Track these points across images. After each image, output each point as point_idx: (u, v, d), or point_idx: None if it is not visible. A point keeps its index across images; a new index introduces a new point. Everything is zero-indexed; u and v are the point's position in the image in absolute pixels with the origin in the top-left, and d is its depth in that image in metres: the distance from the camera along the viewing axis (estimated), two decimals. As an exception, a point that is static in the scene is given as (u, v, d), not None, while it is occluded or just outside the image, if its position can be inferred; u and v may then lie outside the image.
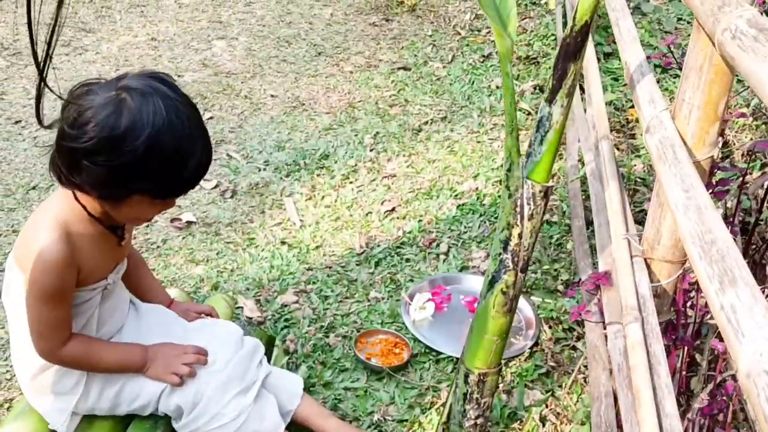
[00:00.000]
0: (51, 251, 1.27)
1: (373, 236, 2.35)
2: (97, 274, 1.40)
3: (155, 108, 1.22)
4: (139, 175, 1.23)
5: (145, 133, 1.20)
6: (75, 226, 1.32)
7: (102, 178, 1.23)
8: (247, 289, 2.12)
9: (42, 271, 1.28)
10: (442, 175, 2.65)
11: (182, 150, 1.25)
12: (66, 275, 1.30)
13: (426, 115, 3.06)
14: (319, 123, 3.00)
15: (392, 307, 2.05)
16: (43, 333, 1.33)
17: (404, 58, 3.58)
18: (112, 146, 1.20)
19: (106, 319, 1.47)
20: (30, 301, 1.31)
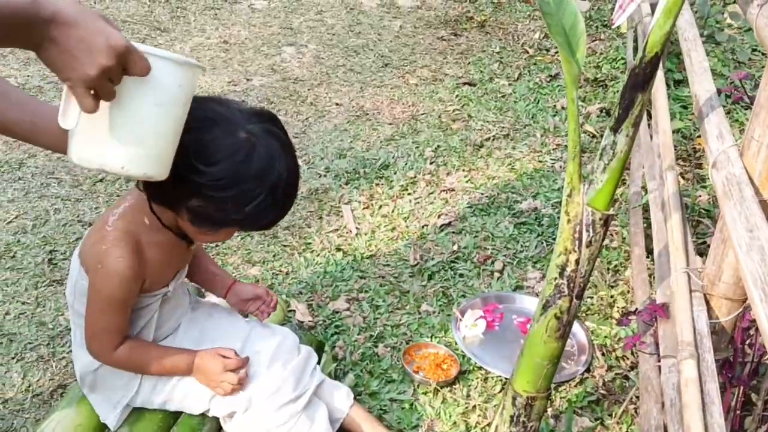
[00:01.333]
0: (119, 264, 1.31)
1: (427, 249, 2.36)
2: (161, 282, 1.45)
3: (278, 156, 1.27)
4: (248, 214, 1.27)
5: (269, 181, 1.25)
6: (146, 235, 1.35)
7: (208, 212, 1.27)
8: (300, 293, 2.15)
9: (107, 281, 1.32)
10: (501, 193, 2.64)
11: (290, 195, 1.32)
12: (131, 287, 1.34)
13: (488, 131, 3.05)
14: (381, 133, 3.02)
15: (443, 321, 2.05)
16: (98, 336, 1.38)
17: (470, 73, 3.58)
18: (238, 191, 1.24)
19: (163, 321, 1.52)
20: (91, 305, 1.36)
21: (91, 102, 1.00)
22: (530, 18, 4.29)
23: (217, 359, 1.45)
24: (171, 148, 1.16)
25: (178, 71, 1.10)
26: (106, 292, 1.34)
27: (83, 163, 1.13)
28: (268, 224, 1.36)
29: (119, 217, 1.38)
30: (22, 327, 1.94)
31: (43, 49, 0.96)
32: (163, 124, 1.12)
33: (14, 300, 2.03)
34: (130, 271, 1.33)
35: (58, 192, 2.53)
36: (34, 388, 1.77)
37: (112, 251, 1.32)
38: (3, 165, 2.61)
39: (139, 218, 1.37)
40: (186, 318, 1.60)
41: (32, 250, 2.23)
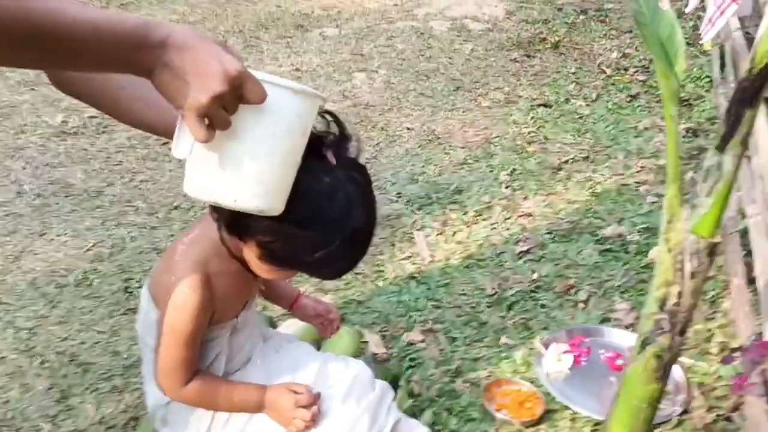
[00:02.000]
0: (189, 297, 1.27)
1: (506, 277, 2.25)
2: (230, 313, 1.40)
3: (357, 206, 1.23)
4: (317, 260, 1.22)
5: (344, 229, 1.21)
6: (215, 265, 1.31)
7: (276, 249, 1.24)
8: (373, 323, 2.07)
9: (177, 314, 1.29)
10: (583, 218, 2.51)
11: (363, 248, 1.28)
12: (201, 319, 1.30)
13: (567, 153, 2.93)
14: (453, 157, 2.94)
15: (525, 355, 1.93)
16: (167, 371, 1.33)
17: (545, 95, 3.47)
18: (311, 233, 1.20)
19: (234, 354, 1.47)
20: (161, 339, 1.32)
21: (204, 131, 0.96)
22: (606, 37, 4.15)
23: (289, 395, 1.38)
24: (286, 181, 1.11)
25: (296, 100, 1.06)
26: (176, 326, 1.30)
27: (195, 194, 1.10)
28: (333, 274, 1.33)
29: (188, 245, 1.34)
30: (96, 356, 1.94)
31: (156, 74, 0.93)
32: (279, 156, 1.07)
33: (90, 329, 2.03)
34: (200, 304, 1.28)
35: (134, 220, 2.54)
36: (107, 420, 1.75)
37: (181, 283, 1.28)
38: (82, 194, 2.65)
39: (209, 247, 1.32)
40: (257, 350, 1.55)
41: (108, 278, 2.24)
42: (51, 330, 2.02)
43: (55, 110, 3.17)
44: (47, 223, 2.47)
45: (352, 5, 4.65)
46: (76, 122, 3.09)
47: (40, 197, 2.61)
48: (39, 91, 3.34)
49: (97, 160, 2.85)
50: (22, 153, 2.87)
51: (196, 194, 1.10)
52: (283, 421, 1.39)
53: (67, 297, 2.14)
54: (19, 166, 2.78)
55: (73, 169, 2.77)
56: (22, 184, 2.67)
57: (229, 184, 1.06)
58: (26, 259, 2.29)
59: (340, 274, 1.34)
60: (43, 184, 2.68)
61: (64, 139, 2.97)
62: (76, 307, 2.10)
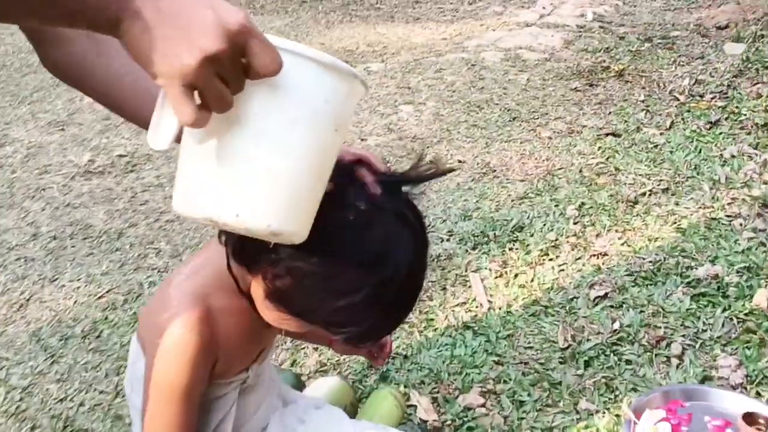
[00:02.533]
0: (184, 338, 0.97)
1: (580, 327, 1.89)
2: (238, 365, 1.09)
3: (399, 246, 0.93)
4: (338, 311, 0.93)
5: (378, 274, 0.91)
6: (219, 300, 1.02)
7: (287, 290, 0.94)
8: (422, 383, 1.73)
9: (169, 361, 0.98)
10: (668, 257, 2.13)
11: (404, 304, 0.98)
12: (200, 368, 0.99)
13: (643, 185, 2.57)
14: (512, 191, 2.61)
15: (610, 424, 1.56)
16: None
17: (612, 123, 3.13)
18: (333, 273, 0.91)
19: (244, 419, 1.15)
20: (148, 394, 1.02)
21: (192, 110, 0.66)
22: (676, 64, 3.80)
23: None
24: (309, 196, 0.80)
25: (325, 78, 0.75)
26: (167, 378, 0.98)
27: (184, 208, 0.78)
28: (359, 335, 0.97)
29: (188, 275, 1.04)
30: (95, 421, 1.65)
31: (124, 28, 0.64)
32: (299, 158, 0.76)
33: (92, 388, 1.74)
34: (199, 348, 0.97)
35: (155, 263, 2.28)
36: (99, 501, 1.45)
37: (175, 320, 0.98)
38: (102, 235, 2.41)
39: (213, 277, 1.02)
40: (276, 417, 1.23)
41: (119, 329, 1.97)
42: (48, 389, 1.74)
43: (83, 149, 2.99)
44: (60, 267, 2.23)
45: (398, 41, 4.43)
46: (104, 161, 2.89)
47: (56, 240, 2.38)
48: (68, 131, 3.17)
49: (122, 200, 2.62)
50: (44, 194, 2.67)
51: (184, 209, 0.80)
52: None
53: (71, 350, 1.87)
54: (38, 207, 2.58)
55: (94, 210, 2.55)
56: (39, 226, 2.46)
57: (228, 193, 0.75)
58: (32, 308, 2.04)
59: (367, 337, 1.02)
60: (61, 226, 2.45)
61: (89, 179, 2.77)
62: (79, 362, 1.83)
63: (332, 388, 1.51)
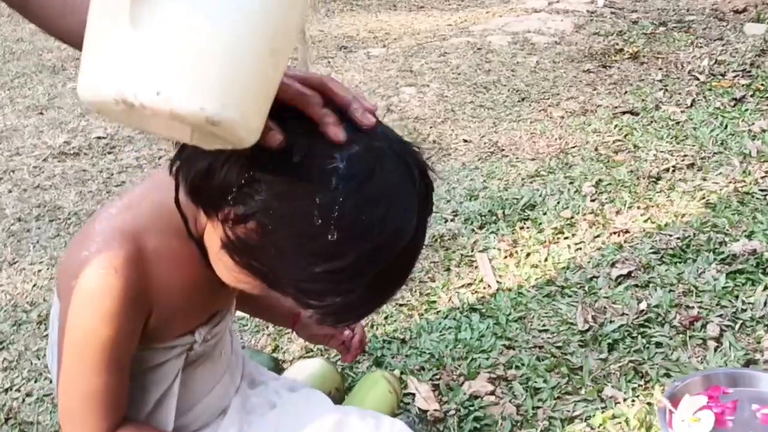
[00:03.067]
0: (105, 281, 0.76)
1: (601, 308, 1.66)
2: (180, 325, 0.87)
3: (402, 204, 0.74)
4: (313, 278, 0.72)
5: (382, 236, 0.72)
6: (156, 241, 0.81)
7: (257, 243, 0.72)
8: (422, 369, 1.51)
9: (86, 308, 0.77)
10: (698, 233, 1.90)
11: (400, 279, 0.79)
12: (126, 320, 0.78)
13: (666, 161, 2.34)
14: (522, 170, 2.39)
15: (642, 413, 1.33)
16: (73, 411, 0.80)
17: (629, 102, 2.91)
18: (334, 231, 0.69)
19: (194, 398, 0.93)
20: (63, 356, 0.80)
21: None
22: (693, 46, 3.58)
23: None
24: (256, 69, 0.60)
25: None
26: (83, 329, 0.77)
27: (90, 93, 0.59)
28: (340, 312, 0.75)
29: (119, 210, 0.82)
30: (42, 414, 1.42)
31: None
32: (235, 10, 0.57)
33: (42, 377, 1.52)
34: (123, 293, 0.76)
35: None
36: (37, 505, 1.22)
37: (95, 259, 0.76)
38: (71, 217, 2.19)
39: (152, 216, 0.81)
40: (238, 398, 1.00)
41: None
42: (-8, 378, 1.52)
43: (60, 132, 2.78)
44: (22, 250, 2.02)
45: (401, 27, 4.22)
46: (80, 143, 2.68)
47: (20, 221, 2.16)
48: (47, 115, 2.97)
49: (96, 182, 2.41)
50: (12, 176, 2.46)
51: (90, 92, 0.58)
52: None
53: (23, 337, 1.66)
54: (4, 189, 2.37)
55: (65, 191, 2.33)
56: (3, 208, 2.25)
57: (146, 62, 0.56)
58: (-14, 292, 1.83)
59: (346, 315, 0.79)
60: (27, 208, 2.24)
61: (62, 161, 2.56)
62: (30, 349, 1.61)
63: (315, 371, 1.29)
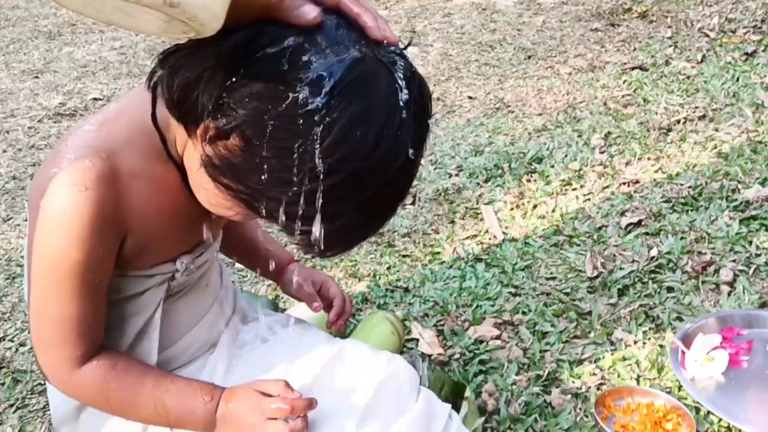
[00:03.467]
0: (76, 195, 0.70)
1: (611, 256, 1.61)
2: (160, 252, 0.82)
3: (397, 115, 0.67)
4: (306, 197, 0.65)
5: (364, 150, 0.65)
6: (132, 161, 0.75)
7: (240, 155, 0.66)
8: (426, 316, 1.46)
9: (55, 226, 0.71)
10: (710, 181, 1.85)
11: (398, 196, 0.71)
12: (98, 240, 0.72)
13: (676, 113, 2.28)
14: (528, 125, 2.33)
15: (653, 354, 1.28)
16: (49, 341, 0.76)
17: (638, 59, 2.83)
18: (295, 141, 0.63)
19: (177, 331, 0.88)
20: (32, 280, 0.75)
21: None
22: (703, 4, 3.49)
23: (254, 398, 0.78)
24: None
25: None
26: (53, 253, 0.71)
27: None
28: (330, 237, 0.68)
29: (95, 126, 0.77)
30: (35, 363, 1.38)
31: None
32: None
33: (36, 327, 1.48)
34: (95, 211, 0.70)
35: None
36: (29, 450, 1.19)
37: (65, 176, 0.71)
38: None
39: (129, 134, 0.75)
40: (228, 333, 0.96)
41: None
42: (-15, 329, 1.48)
43: (55, 94, 2.73)
44: (17, 207, 1.98)
45: (403, -9, 4.14)
46: (76, 104, 2.63)
47: (15, 180, 2.12)
48: (42, 78, 2.91)
49: (93, 141, 2.36)
50: (7, 136, 2.41)
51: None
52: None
53: (17, 289, 1.62)
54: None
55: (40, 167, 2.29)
56: (-2, 167, 2.21)
57: None
58: (-21, 247, 1.79)
59: (336, 242, 0.71)
60: (22, 167, 2.20)
61: (58, 121, 2.51)
62: (24, 301, 1.57)
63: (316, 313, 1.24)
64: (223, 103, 0.65)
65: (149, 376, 0.79)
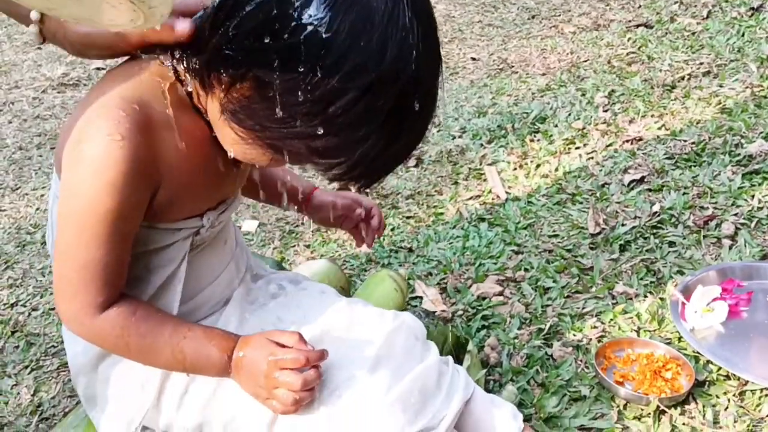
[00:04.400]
0: (112, 144, 0.71)
1: (613, 212, 1.61)
2: (188, 205, 0.83)
3: (410, 34, 0.66)
4: (324, 123, 0.67)
5: (386, 65, 0.65)
6: (160, 112, 0.76)
7: (256, 94, 0.68)
8: (429, 275, 1.48)
9: (90, 174, 0.72)
10: (713, 136, 1.84)
11: (423, 119, 0.72)
12: (132, 190, 0.73)
13: (681, 70, 2.26)
14: (532, 85, 2.32)
15: (654, 307, 1.30)
16: (72, 286, 0.77)
17: (643, 16, 2.80)
18: (330, 61, 0.64)
19: (197, 285, 0.90)
20: (61, 227, 0.76)
21: None
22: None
23: (268, 348, 0.80)
24: None
25: None
26: (87, 199, 0.72)
27: None
28: (353, 167, 0.70)
29: (121, 78, 0.77)
30: (48, 326, 1.42)
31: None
32: None
33: (47, 293, 1.51)
34: (130, 160, 0.71)
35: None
36: (45, 408, 1.22)
37: (100, 125, 0.71)
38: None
39: (155, 87, 0.76)
40: (241, 289, 0.98)
41: (86, 234, 1.74)
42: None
43: (58, 64, 2.74)
44: (24, 177, 2.00)
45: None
46: (80, 74, 2.64)
47: (22, 150, 2.14)
48: (45, 49, 2.92)
49: (98, 111, 2.38)
50: (12, 107, 2.43)
51: None
52: (259, 393, 0.82)
53: (27, 257, 1.64)
54: (4, 120, 2.34)
55: (65, 121, 2.30)
56: (4, 138, 2.22)
57: None
58: (-10, 217, 1.82)
59: (365, 172, 0.72)
60: (29, 137, 2.22)
61: (62, 91, 2.52)
62: (35, 268, 1.60)
63: (320, 269, 1.26)
64: (226, 51, 0.66)
65: (168, 324, 0.81)
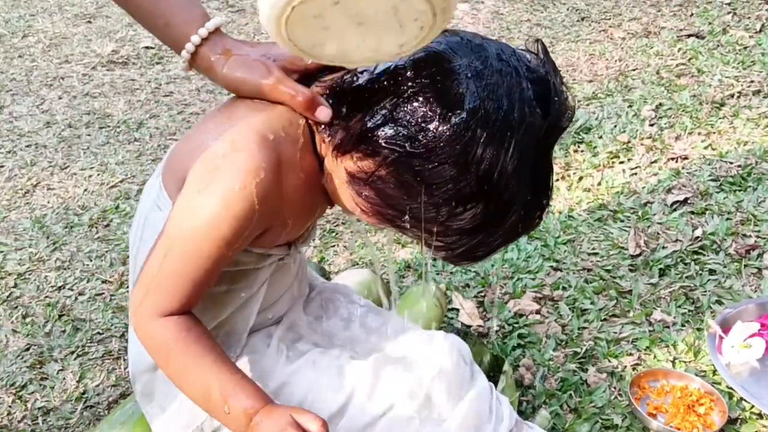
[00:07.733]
0: (248, 181, 0.73)
1: (654, 234, 1.61)
2: (286, 236, 0.86)
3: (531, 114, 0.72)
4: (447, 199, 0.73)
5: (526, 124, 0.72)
6: (289, 151, 0.77)
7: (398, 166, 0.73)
8: (467, 286, 1.49)
9: (217, 203, 0.73)
10: (760, 161, 1.82)
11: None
12: (249, 229, 0.76)
13: (731, 87, 2.23)
14: (578, 92, 2.31)
15: (691, 338, 1.30)
16: (155, 281, 0.78)
17: (695, 25, 2.76)
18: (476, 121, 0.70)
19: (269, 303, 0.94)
20: (165, 231, 0.77)
21: None
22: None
23: (282, 420, 0.76)
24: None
25: None
26: (206, 221, 0.74)
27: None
28: (504, 231, 0.77)
29: (255, 108, 0.79)
30: (94, 312, 1.46)
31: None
32: None
33: (94, 277, 1.56)
34: (261, 201, 0.74)
35: (177, 157, 2.07)
36: (90, 396, 1.26)
37: (238, 157, 0.73)
38: (120, 125, 2.20)
39: (283, 122, 0.77)
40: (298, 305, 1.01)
41: (131, 218, 1.77)
42: (46, 277, 1.56)
43: (108, 40, 2.77)
44: (73, 156, 2.04)
45: (455, -58, 4.05)
46: (129, 52, 2.67)
47: (71, 128, 2.18)
48: (95, 23, 2.95)
49: (145, 91, 2.41)
50: (62, 83, 2.47)
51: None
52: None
53: (75, 239, 1.69)
54: (55, 96, 2.38)
55: (114, 100, 2.34)
56: (54, 114, 2.26)
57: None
58: (38, 195, 1.86)
59: (518, 228, 0.78)
60: (78, 114, 2.26)
61: (111, 69, 2.56)
62: (82, 251, 1.64)
63: (362, 279, 1.28)
64: (371, 137, 0.71)
65: (213, 354, 0.80)
